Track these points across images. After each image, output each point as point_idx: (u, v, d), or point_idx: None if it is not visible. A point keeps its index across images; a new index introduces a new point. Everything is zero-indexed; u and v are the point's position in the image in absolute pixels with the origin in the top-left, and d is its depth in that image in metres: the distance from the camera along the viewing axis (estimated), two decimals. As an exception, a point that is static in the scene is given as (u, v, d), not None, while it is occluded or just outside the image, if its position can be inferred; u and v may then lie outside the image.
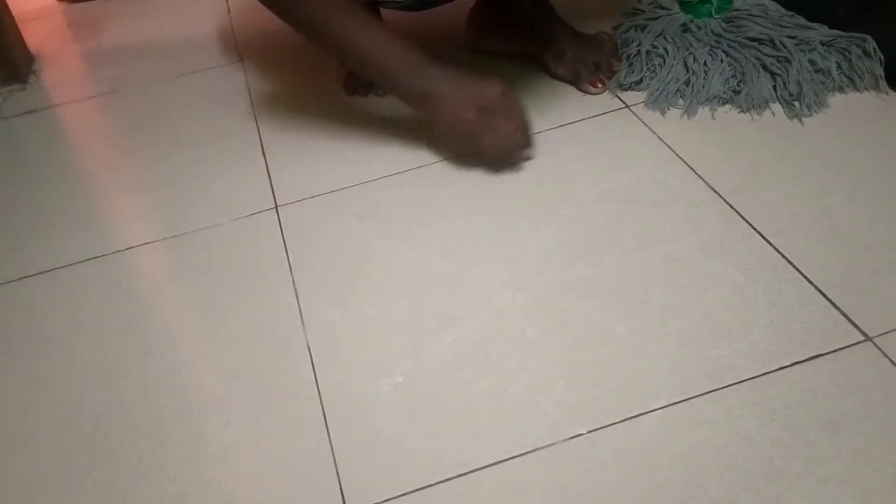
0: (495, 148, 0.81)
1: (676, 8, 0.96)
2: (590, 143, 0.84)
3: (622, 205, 0.76)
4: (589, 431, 0.57)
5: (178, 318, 0.73)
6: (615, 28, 0.98)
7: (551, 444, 0.57)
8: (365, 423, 0.61)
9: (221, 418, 0.63)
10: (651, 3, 0.99)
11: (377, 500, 0.55)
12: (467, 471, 0.56)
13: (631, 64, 0.92)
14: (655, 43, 0.92)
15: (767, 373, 0.59)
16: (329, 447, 0.59)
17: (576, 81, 0.92)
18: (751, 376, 0.59)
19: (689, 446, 0.55)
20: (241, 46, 1.14)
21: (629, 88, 0.90)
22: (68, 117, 1.06)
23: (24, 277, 0.80)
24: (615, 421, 0.58)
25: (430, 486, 0.56)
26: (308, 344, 0.68)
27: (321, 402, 0.63)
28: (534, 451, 0.57)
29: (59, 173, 0.94)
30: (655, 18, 0.96)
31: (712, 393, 0.58)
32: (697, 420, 0.57)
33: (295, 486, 0.57)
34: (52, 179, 0.93)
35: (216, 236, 0.81)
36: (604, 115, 0.87)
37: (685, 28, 0.93)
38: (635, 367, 0.61)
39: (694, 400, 0.58)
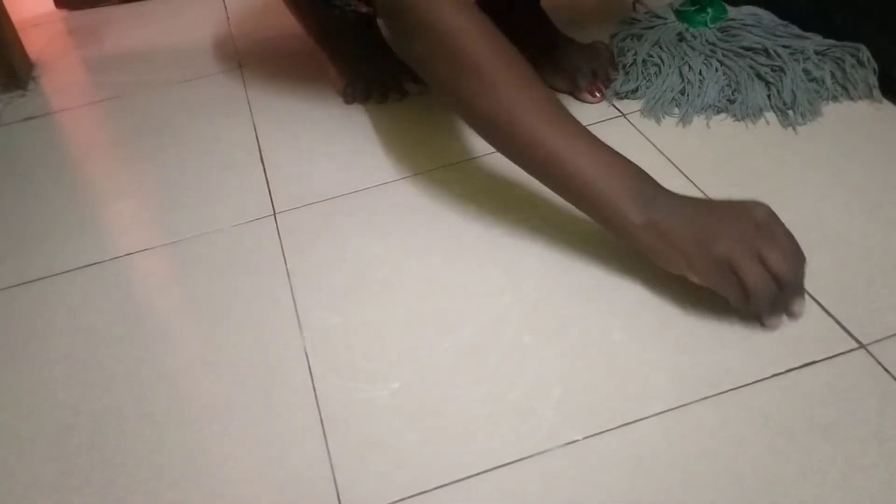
0: (760, 290, 0.59)
1: (672, 17, 0.96)
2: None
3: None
4: (585, 437, 0.58)
5: (177, 324, 0.73)
6: (612, 37, 0.99)
7: (548, 450, 0.57)
8: (362, 428, 0.61)
9: (219, 424, 0.63)
10: (647, 13, 1.00)
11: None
12: (464, 476, 0.57)
13: (627, 73, 0.93)
14: (651, 52, 0.93)
15: (762, 379, 0.60)
16: (326, 453, 0.60)
17: (573, 91, 0.93)
18: (746, 382, 0.59)
19: (686, 452, 0.56)
20: (240, 53, 1.15)
21: (625, 97, 0.91)
22: (68, 123, 1.06)
23: (23, 283, 0.80)
24: (611, 427, 0.58)
25: (426, 491, 0.56)
26: (305, 350, 0.68)
27: (318, 408, 0.63)
28: (530, 456, 0.57)
29: (58, 179, 0.95)
30: (651, 28, 0.96)
31: (708, 399, 0.59)
32: (693, 426, 0.57)
33: (292, 492, 0.58)
34: (52, 185, 0.94)
35: (214, 242, 0.81)
36: (600, 124, 0.88)
37: (681, 37, 0.94)
38: (631, 373, 0.62)
39: (690, 406, 0.59)
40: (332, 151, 0.91)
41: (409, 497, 0.56)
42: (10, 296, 0.79)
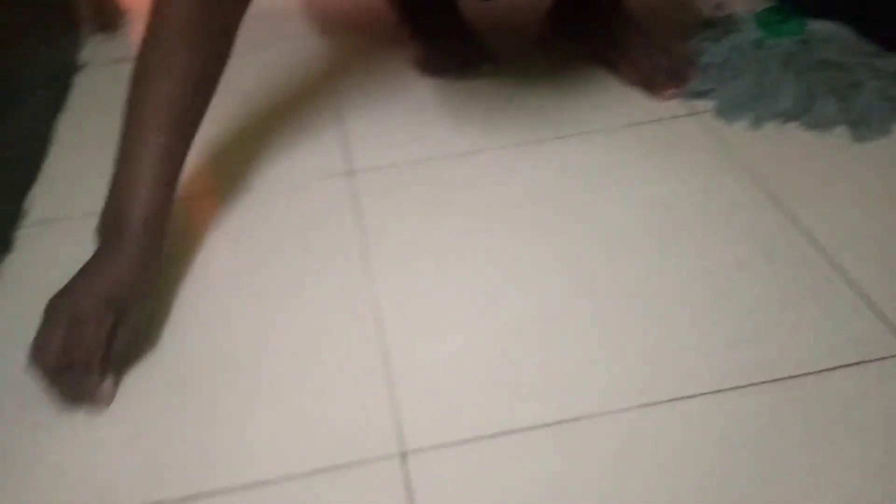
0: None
1: (753, 24, 0.98)
2: (655, 145, 0.87)
3: (683, 206, 0.79)
4: (638, 406, 0.61)
5: (250, 270, 0.77)
6: (691, 38, 1.01)
7: (598, 414, 0.60)
8: (424, 377, 0.64)
9: (288, 363, 0.67)
10: (728, 17, 1.02)
11: (432, 444, 0.59)
12: (518, 428, 0.60)
13: (703, 74, 0.95)
14: (729, 55, 0.95)
15: (810, 373, 0.62)
16: (391, 394, 0.63)
17: (647, 86, 0.95)
18: (793, 374, 0.62)
19: (726, 435, 0.58)
20: (325, 19, 1.19)
21: (699, 97, 0.93)
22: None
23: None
24: (660, 400, 0.61)
25: (482, 437, 0.59)
26: (376, 301, 0.72)
27: (384, 355, 0.67)
28: (580, 418, 0.60)
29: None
30: (731, 32, 0.98)
31: (755, 386, 0.61)
32: (737, 411, 0.60)
33: (355, 425, 0.61)
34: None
35: (290, 194, 0.85)
36: (671, 120, 0.90)
37: (759, 45, 0.96)
38: (683, 355, 0.64)
39: (737, 391, 0.61)
40: (407, 120, 0.95)
41: (465, 441, 0.59)
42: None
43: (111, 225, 0.67)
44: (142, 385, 0.66)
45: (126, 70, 0.70)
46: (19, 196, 0.85)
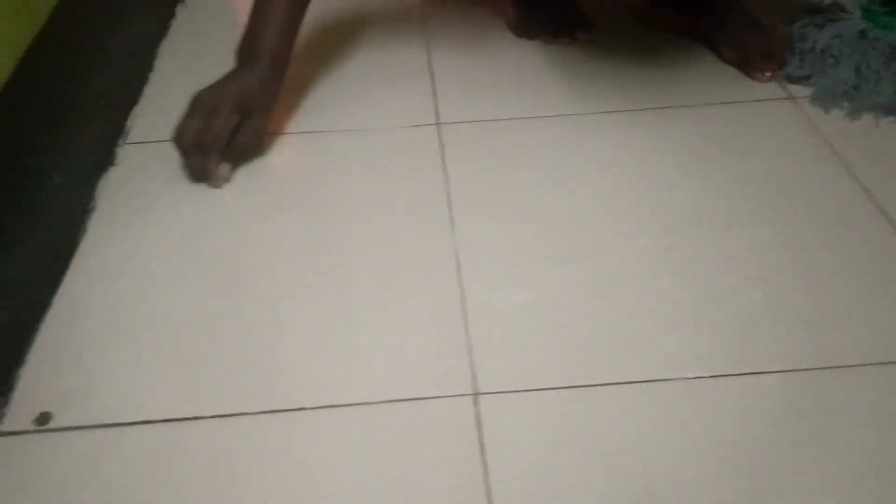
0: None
1: (858, 14, 0.96)
2: (747, 125, 0.86)
3: (772, 185, 0.78)
4: (710, 376, 0.61)
5: (334, 208, 0.79)
6: (793, 22, 0.99)
7: (668, 379, 0.61)
8: (499, 324, 0.66)
9: (367, 294, 0.69)
10: (832, 4, 0.99)
11: (505, 390, 0.61)
12: (587, 384, 0.61)
13: (803, 59, 0.93)
14: (831, 43, 0.93)
15: (892, 362, 0.62)
16: (466, 338, 0.65)
17: (744, 66, 0.94)
18: (875, 362, 0.62)
19: (801, 413, 0.59)
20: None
21: (797, 82, 0.92)
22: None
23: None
24: (735, 373, 0.61)
25: (553, 388, 0.61)
26: (455, 248, 0.73)
27: (462, 300, 0.68)
28: (652, 381, 0.61)
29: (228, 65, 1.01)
30: (835, 20, 0.96)
31: (834, 369, 0.61)
32: (815, 391, 0.60)
33: (431, 364, 0.63)
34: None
35: (378, 140, 0.87)
36: (767, 101, 0.89)
37: (863, 35, 0.94)
38: (763, 330, 0.64)
39: (815, 371, 0.61)
40: (496, 78, 0.96)
41: (537, 390, 0.61)
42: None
43: (247, 49, 0.83)
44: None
45: (227, 3, 0.72)
46: (122, 115, 0.88)
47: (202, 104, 0.79)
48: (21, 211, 0.66)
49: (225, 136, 0.78)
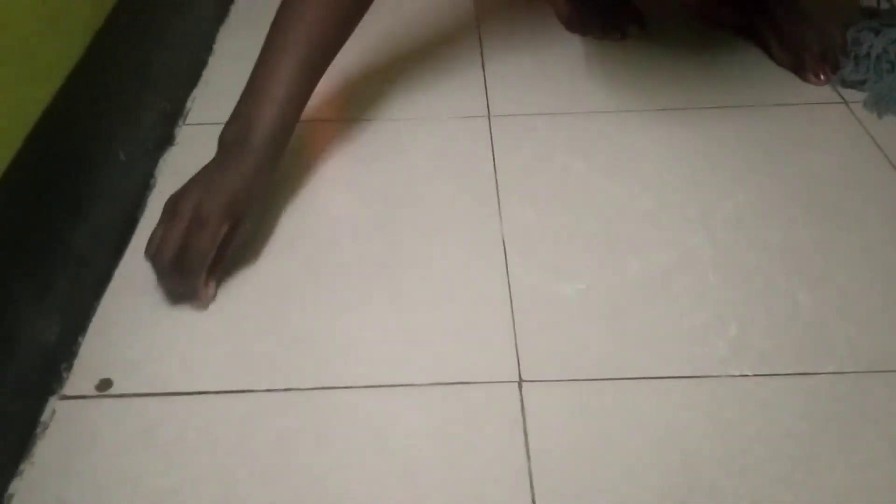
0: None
1: (917, 20, 0.95)
2: (800, 127, 0.86)
3: (823, 188, 0.78)
4: (755, 375, 0.62)
5: (387, 192, 0.80)
6: (849, 26, 0.98)
7: (716, 377, 0.62)
8: (547, 315, 0.67)
9: (416, 283, 0.70)
10: (890, 9, 0.98)
11: (550, 378, 0.62)
12: (635, 376, 0.62)
13: (857, 63, 0.92)
14: (887, 48, 0.92)
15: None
16: (512, 326, 0.66)
17: (797, 68, 0.93)
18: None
19: (846, 415, 0.59)
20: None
21: (851, 86, 0.91)
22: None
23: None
24: (784, 373, 0.62)
25: (596, 379, 0.62)
26: (503, 237, 0.74)
27: (509, 287, 0.69)
28: (699, 377, 0.62)
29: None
30: (891, 25, 0.95)
31: (885, 373, 0.61)
32: (862, 393, 0.60)
33: (477, 350, 0.64)
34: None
35: (430, 129, 0.88)
36: (820, 105, 0.89)
37: (921, 41, 0.93)
38: (810, 332, 0.65)
39: (864, 375, 0.61)
40: (548, 72, 0.96)
41: (583, 380, 0.62)
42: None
43: (238, 132, 0.69)
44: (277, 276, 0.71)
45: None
46: (182, 96, 0.91)
47: (182, 212, 0.64)
48: (89, 186, 0.69)
49: (212, 253, 0.65)
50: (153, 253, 0.65)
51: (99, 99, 0.70)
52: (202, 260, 0.64)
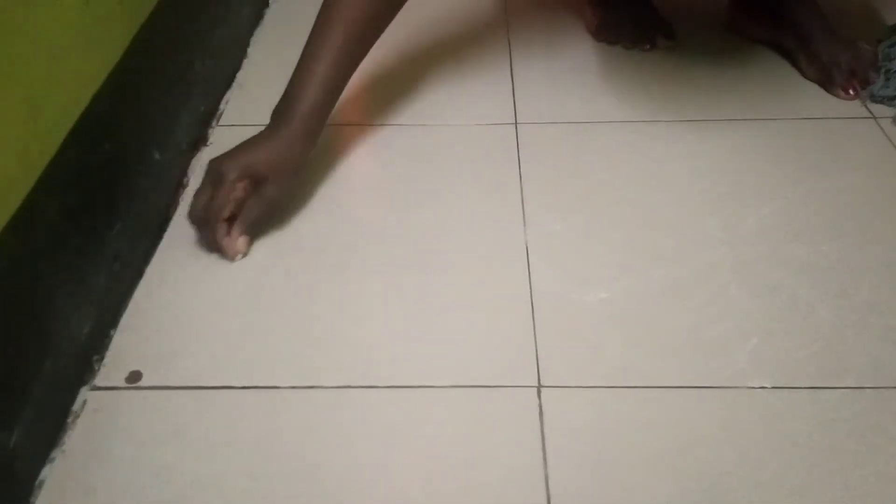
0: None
1: (949, 36, 0.94)
2: (828, 142, 0.86)
3: (849, 203, 0.78)
4: (774, 387, 0.62)
5: (414, 196, 0.82)
6: (879, 41, 0.98)
7: (735, 387, 0.62)
8: (567, 321, 0.68)
9: (439, 286, 0.72)
10: (922, 26, 0.98)
11: (569, 385, 0.63)
12: (653, 385, 0.63)
13: (888, 79, 0.92)
14: (919, 64, 0.92)
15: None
16: (532, 331, 0.67)
17: (826, 83, 0.93)
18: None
19: (864, 431, 0.59)
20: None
21: (880, 102, 0.91)
22: None
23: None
24: (801, 386, 0.62)
25: (615, 387, 0.63)
26: (527, 245, 0.75)
27: (531, 294, 0.70)
28: (717, 387, 0.62)
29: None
30: (923, 41, 0.95)
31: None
32: (881, 409, 0.60)
33: (497, 354, 0.65)
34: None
35: (458, 134, 0.89)
36: (847, 120, 0.89)
37: (952, 58, 0.92)
38: (831, 346, 0.65)
39: (882, 390, 0.61)
40: (576, 81, 0.97)
41: (601, 386, 0.62)
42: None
43: (281, 107, 0.76)
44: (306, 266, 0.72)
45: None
46: (217, 97, 0.93)
47: (211, 173, 0.73)
48: (125, 184, 0.71)
49: (228, 206, 0.72)
50: (189, 209, 0.74)
51: (135, 101, 0.73)
52: (217, 212, 0.72)
